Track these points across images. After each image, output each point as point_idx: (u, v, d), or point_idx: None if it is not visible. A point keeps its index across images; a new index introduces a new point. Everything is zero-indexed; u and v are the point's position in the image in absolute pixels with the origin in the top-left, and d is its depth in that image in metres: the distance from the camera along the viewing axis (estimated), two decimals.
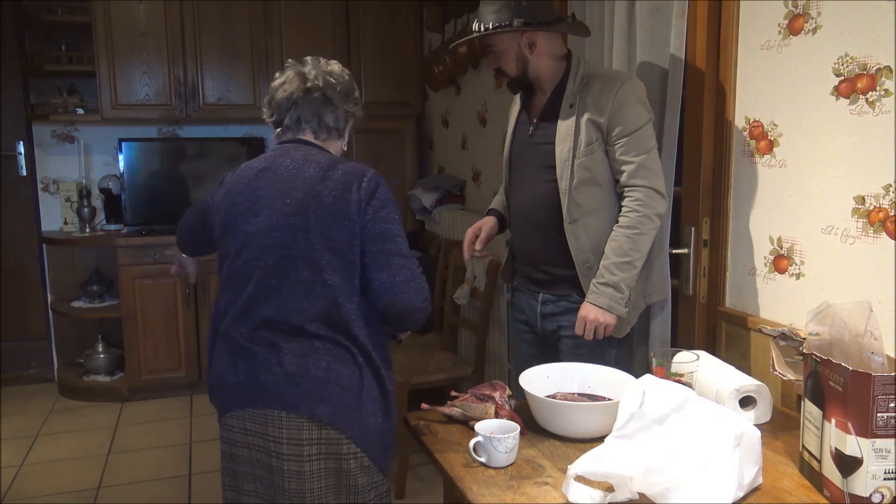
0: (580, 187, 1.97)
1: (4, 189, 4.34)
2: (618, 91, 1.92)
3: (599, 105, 1.93)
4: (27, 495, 3.10)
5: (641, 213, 1.92)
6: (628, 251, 1.91)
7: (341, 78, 1.70)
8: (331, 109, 1.68)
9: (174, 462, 3.40)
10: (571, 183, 1.97)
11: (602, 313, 1.91)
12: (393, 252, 1.59)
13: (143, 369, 4.13)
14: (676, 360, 1.52)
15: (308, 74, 1.67)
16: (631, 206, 1.93)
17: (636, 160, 1.92)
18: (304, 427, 1.55)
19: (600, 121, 1.93)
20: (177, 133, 4.66)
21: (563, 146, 1.97)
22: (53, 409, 4.01)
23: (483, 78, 3.77)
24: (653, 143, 1.95)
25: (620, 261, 1.91)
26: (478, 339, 3.24)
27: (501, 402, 1.60)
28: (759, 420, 1.59)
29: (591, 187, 1.97)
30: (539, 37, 1.98)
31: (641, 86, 1.98)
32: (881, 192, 1.54)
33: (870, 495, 1.19)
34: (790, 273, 1.79)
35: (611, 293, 1.91)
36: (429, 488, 3.03)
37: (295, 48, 4.35)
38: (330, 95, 1.67)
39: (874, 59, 1.54)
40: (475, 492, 1.31)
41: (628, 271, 1.92)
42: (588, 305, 1.94)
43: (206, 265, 4.12)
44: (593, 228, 1.99)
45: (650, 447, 1.22)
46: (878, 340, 1.28)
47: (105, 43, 4.05)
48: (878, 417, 1.17)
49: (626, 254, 1.91)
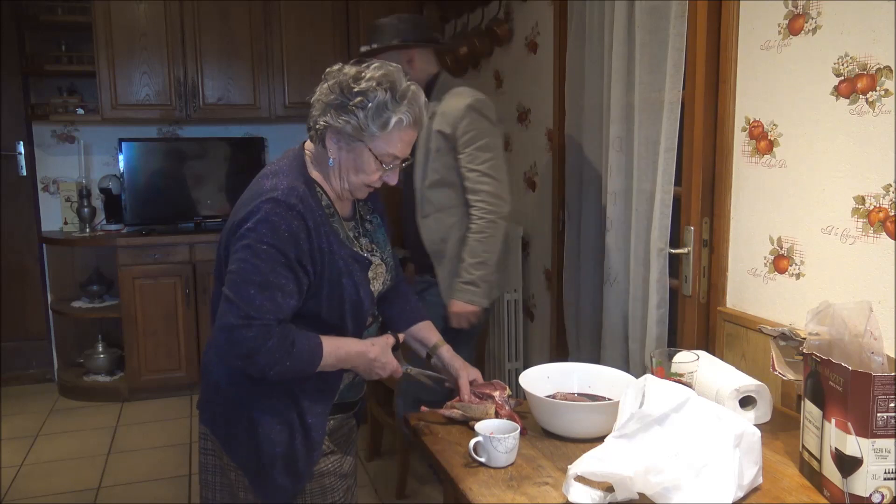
0: (432, 187, 2.36)
1: (4, 189, 4.34)
2: (464, 106, 2.27)
3: (447, 117, 2.29)
4: (27, 495, 3.10)
5: (487, 220, 2.31)
6: (480, 253, 2.32)
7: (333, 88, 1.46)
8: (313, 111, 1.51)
9: (174, 462, 3.40)
10: (424, 183, 2.36)
11: (466, 307, 2.36)
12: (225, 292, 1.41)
13: (143, 369, 4.13)
14: (676, 360, 1.52)
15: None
16: (477, 213, 2.32)
17: (479, 168, 2.29)
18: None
19: (447, 131, 2.30)
20: (177, 133, 4.66)
21: (420, 151, 2.34)
22: (53, 409, 4.01)
23: (483, 78, 3.77)
24: (494, 154, 2.32)
25: (475, 261, 2.33)
26: (478, 340, 3.24)
27: (501, 402, 1.60)
28: (759, 420, 1.59)
29: (442, 188, 2.35)
30: (416, 54, 2.33)
31: (487, 102, 2.36)
32: (881, 192, 1.54)
33: (870, 495, 1.19)
34: (790, 273, 1.79)
35: (472, 290, 2.34)
36: (429, 488, 3.03)
37: (295, 48, 4.35)
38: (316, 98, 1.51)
39: (874, 59, 1.54)
40: (475, 492, 1.31)
41: (483, 269, 2.34)
42: (455, 302, 2.36)
43: (207, 265, 4.14)
44: (445, 223, 2.38)
45: (650, 447, 1.21)
46: (878, 340, 1.28)
47: (105, 43, 4.05)
48: (878, 417, 1.17)
49: (479, 255, 2.33)
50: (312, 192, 1.48)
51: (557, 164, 2.97)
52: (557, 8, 2.91)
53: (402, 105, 1.43)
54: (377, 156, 1.46)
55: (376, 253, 1.61)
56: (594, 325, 2.61)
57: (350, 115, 1.42)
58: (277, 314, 1.39)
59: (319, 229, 1.44)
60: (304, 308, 1.46)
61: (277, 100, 4.36)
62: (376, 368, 1.53)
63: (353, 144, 1.45)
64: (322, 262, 1.45)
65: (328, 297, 1.47)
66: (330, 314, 1.49)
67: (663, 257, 2.17)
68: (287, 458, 1.49)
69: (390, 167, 1.49)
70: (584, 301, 2.68)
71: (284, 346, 1.39)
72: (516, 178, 3.42)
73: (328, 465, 1.58)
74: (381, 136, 1.44)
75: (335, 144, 1.47)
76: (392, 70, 1.46)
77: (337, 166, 1.49)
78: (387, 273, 1.63)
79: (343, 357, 1.49)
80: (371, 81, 1.42)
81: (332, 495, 1.59)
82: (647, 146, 2.24)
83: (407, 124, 1.44)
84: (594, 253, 2.60)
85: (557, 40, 2.93)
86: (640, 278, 2.29)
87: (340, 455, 1.62)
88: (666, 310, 2.19)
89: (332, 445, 1.60)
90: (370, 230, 1.64)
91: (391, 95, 1.42)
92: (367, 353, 1.51)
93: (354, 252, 1.53)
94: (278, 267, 1.39)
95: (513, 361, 3.38)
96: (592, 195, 2.60)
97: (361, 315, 1.53)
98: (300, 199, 1.42)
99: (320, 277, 1.45)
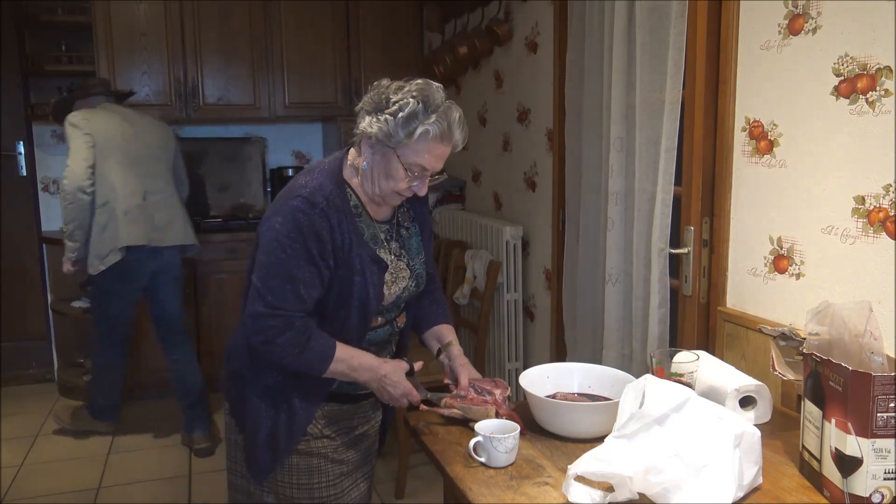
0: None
1: (4, 189, 4.34)
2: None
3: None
4: (27, 495, 3.10)
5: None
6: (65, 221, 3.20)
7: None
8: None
9: (174, 462, 3.40)
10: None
11: (64, 259, 3.28)
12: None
13: (144, 369, 4.12)
14: (676, 360, 1.52)
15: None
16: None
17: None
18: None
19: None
20: (177, 133, 4.64)
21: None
22: (53, 409, 4.01)
23: (483, 78, 3.77)
24: (71, 145, 3.14)
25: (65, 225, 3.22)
26: (478, 339, 3.24)
27: (501, 401, 1.60)
28: (759, 420, 1.59)
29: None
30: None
31: (76, 113, 3.22)
32: (881, 192, 1.54)
33: (870, 495, 1.19)
34: (790, 273, 1.79)
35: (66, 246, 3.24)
36: (429, 488, 3.03)
37: (295, 48, 4.35)
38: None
39: (874, 59, 1.54)
40: (475, 492, 1.31)
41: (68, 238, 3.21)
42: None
43: (207, 265, 4.14)
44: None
45: (650, 447, 1.21)
46: (877, 340, 1.28)
47: (105, 43, 4.04)
48: (878, 417, 1.17)
49: (66, 223, 3.19)
50: (341, 191, 1.57)
51: (557, 164, 2.97)
52: (557, 8, 2.91)
53: (430, 117, 1.48)
54: (404, 164, 1.51)
55: (403, 258, 1.67)
56: (594, 325, 2.61)
57: (382, 122, 1.48)
58: (300, 306, 1.52)
59: (342, 227, 1.53)
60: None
61: (277, 100, 4.36)
62: (387, 386, 1.59)
63: (385, 150, 1.52)
64: (340, 257, 1.54)
65: (338, 290, 1.56)
66: (336, 306, 1.57)
67: (664, 257, 2.17)
68: (271, 435, 1.63)
69: (418, 177, 1.54)
70: (584, 301, 2.68)
71: (300, 341, 1.52)
72: (516, 178, 3.43)
73: (318, 447, 1.66)
74: (409, 145, 1.49)
75: (369, 149, 1.54)
76: (432, 87, 1.52)
77: (370, 171, 1.55)
78: (410, 279, 1.67)
79: (355, 366, 1.57)
80: (408, 94, 1.49)
81: (318, 476, 1.67)
82: (647, 146, 2.24)
83: (433, 136, 1.48)
84: (594, 253, 2.60)
85: (557, 40, 2.92)
86: (640, 278, 2.29)
87: (338, 442, 1.70)
88: (667, 310, 2.19)
89: (328, 431, 1.68)
90: (404, 236, 1.71)
91: (423, 107, 1.48)
92: (379, 368, 1.59)
93: (375, 253, 1.60)
94: (302, 261, 1.50)
95: (513, 361, 3.38)
96: (592, 195, 2.60)
97: (367, 312, 1.60)
98: (325, 197, 1.52)
99: (335, 271, 1.54)
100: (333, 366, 1.54)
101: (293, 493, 1.67)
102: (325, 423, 1.67)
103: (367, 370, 1.58)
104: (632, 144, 2.32)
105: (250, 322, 1.53)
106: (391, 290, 1.62)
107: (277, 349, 1.52)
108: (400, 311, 1.72)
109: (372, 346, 1.66)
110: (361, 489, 1.78)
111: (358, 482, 1.76)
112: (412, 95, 1.48)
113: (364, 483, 1.79)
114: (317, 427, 1.66)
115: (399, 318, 1.72)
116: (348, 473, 1.73)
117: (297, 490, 1.67)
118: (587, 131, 2.61)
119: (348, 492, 1.73)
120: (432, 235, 1.82)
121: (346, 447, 1.72)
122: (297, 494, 1.67)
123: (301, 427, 1.63)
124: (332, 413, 1.68)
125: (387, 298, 1.61)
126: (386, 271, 1.61)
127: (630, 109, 2.33)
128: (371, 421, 1.80)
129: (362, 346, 1.62)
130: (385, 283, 1.60)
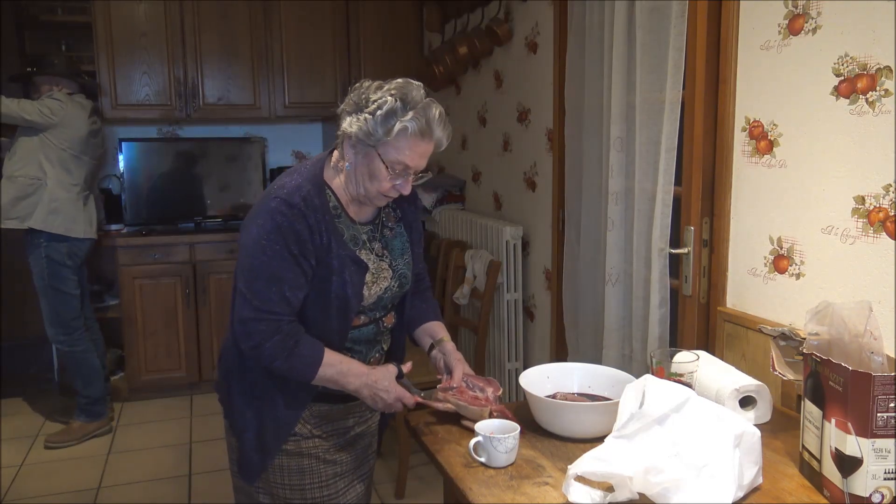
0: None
1: None
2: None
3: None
4: (27, 495, 3.10)
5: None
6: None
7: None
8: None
9: (174, 462, 3.40)
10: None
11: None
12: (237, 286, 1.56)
13: (143, 369, 4.13)
14: (676, 360, 1.52)
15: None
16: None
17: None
18: None
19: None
20: (177, 133, 4.66)
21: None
22: (53, 410, 4.01)
23: (483, 78, 3.78)
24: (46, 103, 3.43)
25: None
26: (478, 339, 3.24)
27: (493, 398, 1.60)
28: (759, 420, 1.59)
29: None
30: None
31: (61, 95, 3.50)
32: (881, 192, 1.54)
33: (870, 495, 1.19)
34: (790, 273, 1.79)
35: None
36: (429, 488, 3.03)
37: (295, 48, 4.35)
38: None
39: (874, 59, 1.54)
40: (475, 492, 1.31)
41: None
42: None
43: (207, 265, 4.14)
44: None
45: (650, 447, 1.21)
46: (877, 340, 1.28)
47: (105, 43, 4.05)
48: (878, 417, 1.17)
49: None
50: (320, 192, 1.56)
51: (557, 164, 2.97)
52: (557, 8, 2.91)
53: (408, 113, 1.48)
54: (386, 162, 1.51)
55: (385, 258, 1.66)
56: (594, 325, 2.61)
57: (362, 121, 1.49)
58: (287, 308, 1.52)
59: (321, 227, 1.52)
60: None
61: (277, 100, 4.36)
62: (379, 391, 1.58)
63: (366, 150, 1.52)
64: (318, 257, 1.53)
65: (316, 290, 1.55)
66: (314, 306, 1.57)
67: (664, 257, 2.17)
68: (258, 436, 1.63)
69: (400, 175, 1.53)
70: (584, 301, 2.68)
71: (288, 345, 1.52)
72: (516, 178, 3.43)
73: (308, 448, 1.66)
74: (389, 143, 1.49)
75: (351, 150, 1.55)
76: (412, 85, 1.52)
77: (353, 171, 1.56)
78: (392, 279, 1.66)
79: (344, 371, 1.56)
80: (387, 92, 1.49)
81: (311, 476, 1.67)
82: (647, 146, 2.24)
83: (412, 132, 1.48)
84: (594, 253, 2.60)
85: (557, 40, 2.92)
86: (641, 278, 2.29)
87: (331, 443, 1.69)
88: (667, 309, 2.19)
89: (320, 431, 1.67)
90: (388, 236, 1.70)
91: (401, 104, 1.48)
92: (368, 374, 1.58)
93: (354, 254, 1.59)
94: (284, 262, 1.49)
95: (513, 361, 3.38)
96: (592, 195, 2.60)
97: (347, 312, 1.59)
98: (303, 198, 1.51)
99: (315, 270, 1.54)
100: (322, 370, 1.54)
101: (286, 493, 1.67)
102: (316, 423, 1.67)
103: (357, 376, 1.56)
104: (632, 144, 2.32)
105: (239, 327, 1.53)
106: (371, 290, 1.61)
107: (266, 353, 1.52)
108: (387, 311, 1.70)
109: (358, 344, 1.65)
110: (358, 490, 1.76)
111: (354, 483, 1.75)
112: (391, 94, 1.49)
113: (361, 484, 1.78)
114: (306, 427, 1.65)
115: (386, 318, 1.71)
116: (343, 474, 1.72)
117: (289, 490, 1.66)
118: (587, 131, 2.61)
119: (343, 493, 1.72)
120: (422, 238, 1.81)
121: (339, 447, 1.71)
122: (289, 495, 1.67)
123: (288, 426, 1.63)
124: (323, 413, 1.67)
125: (367, 299, 1.61)
126: (367, 272, 1.60)
127: (630, 109, 2.33)
128: (368, 421, 1.79)
129: (346, 345, 1.62)
130: (365, 284, 1.60)
